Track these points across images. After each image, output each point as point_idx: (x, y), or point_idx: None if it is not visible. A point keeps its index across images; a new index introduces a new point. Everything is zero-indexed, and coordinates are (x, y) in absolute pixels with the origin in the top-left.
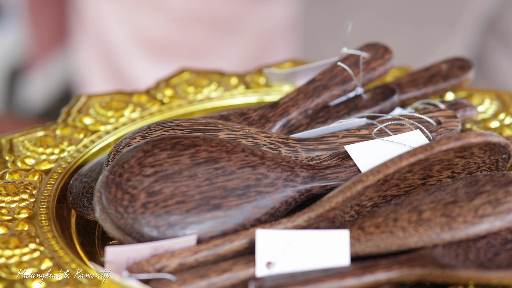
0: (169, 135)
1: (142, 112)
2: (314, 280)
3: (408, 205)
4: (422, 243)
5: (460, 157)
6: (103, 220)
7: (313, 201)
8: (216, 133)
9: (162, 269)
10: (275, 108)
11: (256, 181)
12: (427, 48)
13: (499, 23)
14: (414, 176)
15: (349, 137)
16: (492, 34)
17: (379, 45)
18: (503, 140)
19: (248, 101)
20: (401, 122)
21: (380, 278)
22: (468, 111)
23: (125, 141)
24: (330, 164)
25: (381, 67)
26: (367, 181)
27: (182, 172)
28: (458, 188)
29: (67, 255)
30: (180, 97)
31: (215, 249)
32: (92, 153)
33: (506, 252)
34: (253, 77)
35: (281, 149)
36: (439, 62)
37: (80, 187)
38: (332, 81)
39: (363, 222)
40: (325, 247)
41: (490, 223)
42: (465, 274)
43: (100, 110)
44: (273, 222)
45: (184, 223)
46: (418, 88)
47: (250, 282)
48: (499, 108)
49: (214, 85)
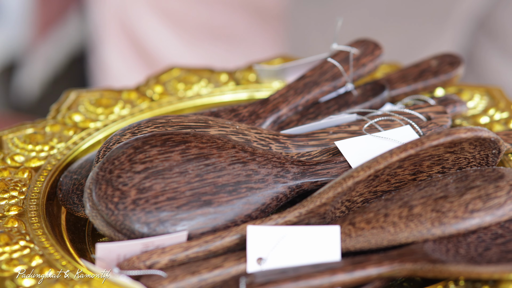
0: (159, 131)
1: (132, 109)
2: (305, 276)
3: (399, 201)
4: (413, 238)
5: (450, 153)
6: (94, 217)
7: (304, 197)
8: (206, 129)
9: (152, 266)
10: (266, 104)
11: (247, 177)
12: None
13: (490, 21)
14: (405, 171)
15: (339, 133)
16: (482, 32)
17: (369, 41)
18: (493, 135)
19: (238, 98)
20: (391, 118)
21: (371, 274)
22: (458, 106)
23: (115, 137)
24: (320, 160)
25: (371, 63)
26: (357, 176)
27: (172, 169)
28: (448, 184)
29: (57, 252)
30: (170, 94)
31: (206, 245)
32: (82, 150)
33: (496, 247)
34: (243, 74)
35: (271, 145)
36: (429, 58)
37: (70, 184)
38: (322, 77)
39: (354, 218)
40: (316, 243)
41: (480, 218)
42: (456, 269)
43: (89, 107)
44: (264, 218)
45: (175, 219)
46: (408, 84)
47: (241, 278)
48: (488, 104)
49: (204, 81)
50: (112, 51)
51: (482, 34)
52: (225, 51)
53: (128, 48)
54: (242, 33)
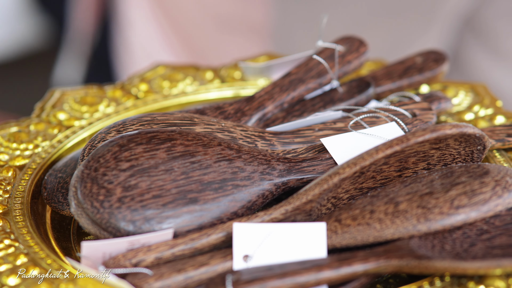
0: (145, 129)
1: (117, 107)
2: (291, 273)
3: (385, 197)
4: (399, 234)
5: (436, 149)
6: (79, 215)
7: (290, 194)
8: (192, 127)
9: (138, 264)
10: (251, 102)
11: (233, 175)
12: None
13: (475, 19)
14: (390, 168)
15: (325, 130)
16: (467, 30)
17: (354, 38)
18: (478, 131)
19: (223, 95)
20: (376, 115)
21: (357, 270)
22: (443, 103)
23: (100, 135)
24: (306, 157)
25: (356, 60)
26: (343, 173)
27: (158, 166)
28: (434, 180)
29: (42, 250)
30: (155, 92)
31: (192, 243)
32: (67, 148)
33: (481, 242)
34: (228, 71)
35: (257, 143)
36: (414, 55)
37: (55, 183)
38: (307, 74)
39: (340, 215)
40: (302, 240)
41: (465, 214)
42: (441, 265)
43: (74, 105)
44: (250, 215)
45: (161, 217)
46: (393, 81)
47: (227, 275)
48: (473, 100)
49: (189, 79)
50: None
51: (467, 32)
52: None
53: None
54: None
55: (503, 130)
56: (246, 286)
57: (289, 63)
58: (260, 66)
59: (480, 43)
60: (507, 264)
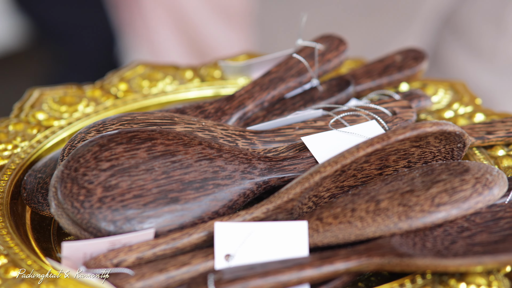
0: (125, 129)
1: (96, 106)
2: (273, 272)
3: (366, 195)
4: (380, 232)
5: (416, 147)
6: (59, 215)
7: (271, 193)
8: (172, 126)
9: (119, 264)
10: (231, 100)
11: (214, 174)
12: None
13: (454, 18)
14: (371, 166)
15: (305, 129)
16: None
17: (334, 37)
18: (458, 129)
19: (203, 95)
20: (357, 113)
21: (339, 268)
22: (422, 101)
23: (80, 135)
24: (287, 156)
25: (336, 59)
26: (324, 171)
27: (139, 166)
28: (414, 178)
29: (22, 251)
30: (134, 91)
31: (173, 242)
32: (46, 148)
33: (462, 240)
34: (208, 70)
35: (238, 142)
36: (393, 54)
37: (35, 183)
38: (287, 73)
39: (321, 213)
40: (283, 239)
41: (446, 212)
42: (423, 262)
43: (53, 105)
44: (231, 215)
45: (142, 217)
46: (373, 79)
47: (209, 275)
48: (453, 98)
49: (169, 78)
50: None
51: (446, 30)
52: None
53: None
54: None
55: (482, 127)
56: (228, 286)
57: (269, 62)
58: (240, 65)
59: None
60: (488, 261)
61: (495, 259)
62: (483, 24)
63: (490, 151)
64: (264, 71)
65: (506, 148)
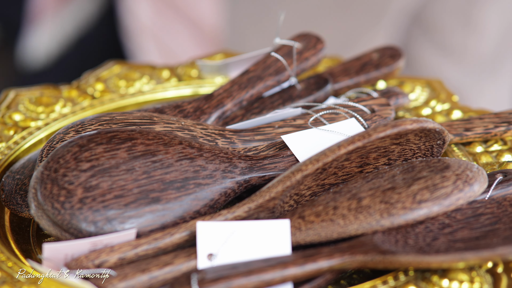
0: (105, 129)
1: (73, 107)
2: (256, 270)
3: (347, 193)
4: (363, 230)
5: (396, 144)
6: (39, 217)
7: (252, 192)
8: (151, 126)
9: (101, 265)
10: (210, 100)
11: (195, 173)
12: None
13: (423, 15)
14: (352, 164)
15: (285, 127)
16: (416, 26)
17: (311, 35)
18: (438, 126)
19: (181, 94)
20: (336, 111)
21: (322, 266)
22: (400, 99)
23: (59, 136)
24: (267, 155)
25: (313, 57)
26: (306, 170)
27: (119, 166)
28: (395, 175)
29: (2, 253)
30: (111, 91)
31: (155, 242)
32: (24, 149)
33: (444, 236)
34: (185, 70)
35: (217, 141)
36: (370, 51)
37: (13, 185)
38: (265, 71)
39: (303, 211)
40: (266, 237)
41: (428, 208)
42: (406, 259)
43: (29, 106)
44: (213, 214)
45: (123, 217)
46: (350, 77)
47: (192, 274)
48: (430, 96)
49: (145, 78)
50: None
51: (416, 28)
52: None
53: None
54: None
55: (460, 124)
56: (211, 285)
57: (246, 61)
58: (217, 64)
59: (427, 39)
60: (470, 257)
61: (477, 255)
62: (451, 21)
63: (468, 147)
64: (241, 70)
65: (484, 145)
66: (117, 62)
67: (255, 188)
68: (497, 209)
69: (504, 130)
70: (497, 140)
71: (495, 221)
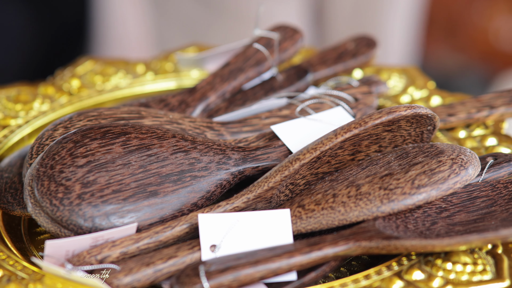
0: (97, 124)
1: (52, 104)
2: (263, 260)
3: (344, 181)
4: (364, 216)
5: (388, 131)
6: (37, 214)
7: (245, 183)
8: (140, 120)
9: (104, 260)
10: (194, 93)
11: (190, 166)
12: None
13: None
14: (345, 152)
15: (271, 118)
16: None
17: (287, 27)
18: (430, 111)
19: (159, 88)
20: (321, 101)
21: (328, 254)
22: (379, 86)
23: (48, 133)
24: (259, 145)
25: (292, 47)
26: (304, 159)
27: (115, 161)
28: (390, 161)
29: (2, 252)
30: (87, 87)
31: (156, 236)
32: (7, 148)
33: (442, 220)
34: (160, 64)
35: (206, 133)
36: (346, 41)
37: (2, 183)
38: (246, 63)
39: (302, 200)
40: (267, 227)
41: (427, 193)
42: (411, 244)
43: (7, 104)
44: (212, 206)
45: (122, 212)
46: (328, 67)
47: (200, 266)
48: (407, 83)
49: (121, 73)
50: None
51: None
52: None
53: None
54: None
55: (443, 110)
56: (219, 276)
57: (224, 54)
58: (195, 57)
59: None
60: (474, 240)
61: (481, 238)
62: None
63: (452, 133)
64: (218, 63)
65: (467, 129)
66: (89, 58)
67: (249, 179)
68: (492, 192)
69: (487, 114)
70: (478, 125)
71: (491, 204)
